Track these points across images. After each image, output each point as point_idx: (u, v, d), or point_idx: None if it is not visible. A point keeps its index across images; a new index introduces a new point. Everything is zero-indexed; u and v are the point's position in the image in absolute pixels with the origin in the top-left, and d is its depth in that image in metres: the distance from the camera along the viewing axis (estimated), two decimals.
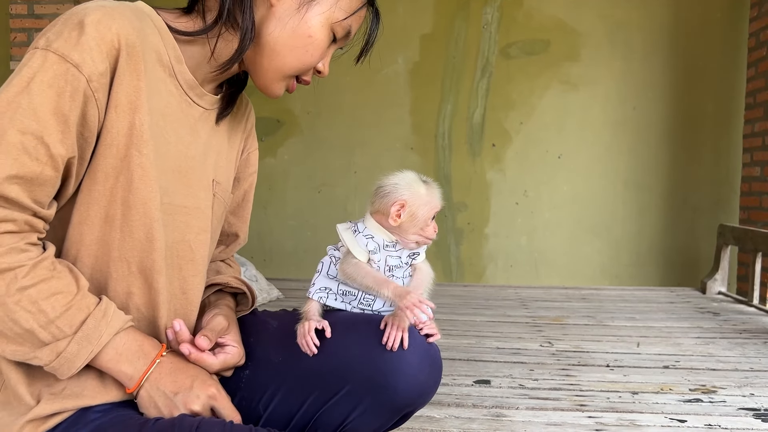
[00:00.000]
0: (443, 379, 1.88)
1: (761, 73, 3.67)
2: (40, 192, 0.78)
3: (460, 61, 4.33)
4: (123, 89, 0.83)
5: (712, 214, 4.22)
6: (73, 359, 0.80)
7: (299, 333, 1.01)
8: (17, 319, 0.77)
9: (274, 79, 0.97)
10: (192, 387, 0.87)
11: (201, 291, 1.02)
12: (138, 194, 0.85)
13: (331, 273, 1.05)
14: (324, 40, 0.95)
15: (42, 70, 0.77)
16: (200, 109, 0.97)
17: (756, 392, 1.82)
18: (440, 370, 1.03)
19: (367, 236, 1.02)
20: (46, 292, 0.78)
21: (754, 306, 3.13)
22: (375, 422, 1.01)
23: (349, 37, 0.99)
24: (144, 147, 0.85)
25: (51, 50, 0.77)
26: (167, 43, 0.90)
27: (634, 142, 4.27)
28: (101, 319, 0.82)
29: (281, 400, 1.03)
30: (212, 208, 1.01)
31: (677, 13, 4.19)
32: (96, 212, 0.85)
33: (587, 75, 4.26)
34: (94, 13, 0.80)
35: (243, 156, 1.14)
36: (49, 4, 3.70)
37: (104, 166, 0.84)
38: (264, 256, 4.44)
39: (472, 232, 4.38)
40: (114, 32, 0.80)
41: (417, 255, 1.05)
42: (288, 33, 0.93)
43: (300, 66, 0.96)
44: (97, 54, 0.79)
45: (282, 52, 0.94)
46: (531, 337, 2.44)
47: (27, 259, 0.77)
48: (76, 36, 0.78)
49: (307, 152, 4.43)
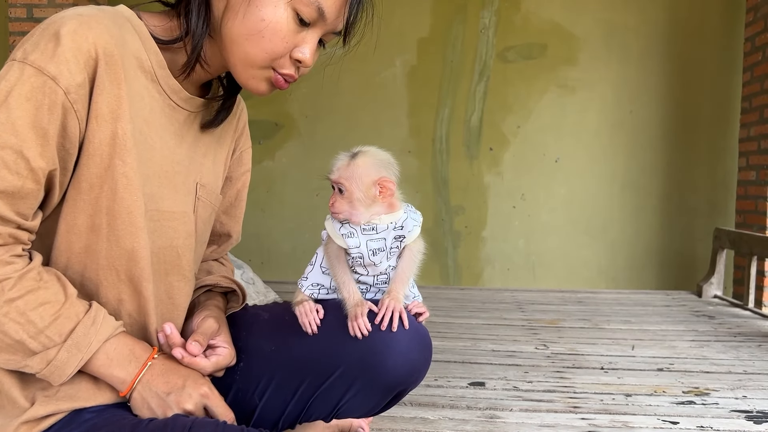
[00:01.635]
0: (438, 380, 1.89)
1: (757, 77, 3.69)
2: (22, 205, 0.78)
3: (458, 64, 4.35)
4: (103, 99, 0.82)
5: (709, 217, 4.24)
6: (64, 367, 0.81)
7: (300, 313, 1.02)
8: (6, 331, 0.78)
9: (246, 74, 0.92)
10: (184, 386, 0.88)
11: (188, 295, 1.03)
12: (122, 203, 0.85)
13: (324, 266, 1.05)
14: (281, 22, 0.87)
15: (19, 83, 0.77)
16: (185, 113, 0.96)
17: (749, 395, 1.83)
18: (430, 349, 1.05)
19: (344, 222, 1.02)
20: (33, 303, 0.79)
21: (749, 309, 3.15)
22: (368, 403, 1.04)
23: (325, 17, 0.89)
24: (127, 156, 0.84)
25: (28, 63, 0.77)
26: (149, 48, 0.89)
27: (630, 146, 4.28)
28: (90, 327, 0.83)
29: (276, 388, 1.05)
30: (196, 211, 1.01)
31: (673, 18, 4.21)
32: (82, 221, 0.85)
33: (584, 78, 4.28)
34: (70, 22, 0.79)
35: (235, 155, 1.14)
36: (48, 8, 3.71)
37: (88, 176, 0.84)
38: (261, 258, 4.45)
39: (470, 235, 4.39)
40: (91, 42, 0.80)
41: (403, 238, 1.02)
42: (240, 21, 0.88)
43: (264, 55, 0.89)
44: (74, 65, 0.78)
45: (238, 41, 0.89)
46: (526, 340, 2.45)
47: (13, 272, 0.78)
48: (52, 48, 0.78)
49: (305, 155, 4.44)
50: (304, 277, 1.07)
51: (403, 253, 1.02)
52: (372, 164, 0.99)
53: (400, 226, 1.00)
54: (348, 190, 0.98)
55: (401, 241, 1.01)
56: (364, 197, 0.97)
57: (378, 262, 1.01)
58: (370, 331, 0.97)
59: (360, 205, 0.98)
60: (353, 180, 0.98)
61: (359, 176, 0.98)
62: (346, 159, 1.00)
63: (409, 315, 1.03)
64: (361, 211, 0.98)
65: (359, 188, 0.97)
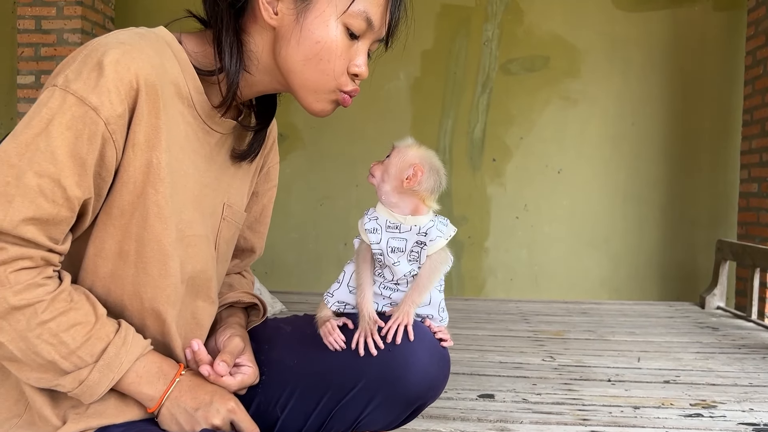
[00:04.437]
0: (448, 393, 1.91)
1: (758, 90, 3.73)
2: (55, 230, 0.79)
3: (461, 76, 4.38)
4: (141, 128, 0.82)
5: (711, 229, 4.26)
6: (95, 386, 0.83)
7: (324, 333, 1.05)
8: (39, 352, 0.79)
9: (310, 98, 0.95)
10: (212, 402, 0.90)
11: (212, 316, 1.04)
12: (152, 231, 0.86)
13: (351, 284, 1.08)
14: (336, 40, 0.89)
15: (60, 112, 0.77)
16: (217, 135, 0.97)
17: (755, 407, 1.85)
18: (448, 366, 1.07)
19: (372, 218, 1.05)
20: (65, 324, 0.80)
21: (752, 321, 3.17)
22: (388, 416, 1.05)
23: (373, 26, 0.91)
24: (160, 185, 0.85)
25: (70, 91, 0.77)
26: (187, 74, 0.90)
27: (632, 157, 4.31)
28: (121, 347, 0.84)
29: (297, 400, 1.06)
30: (220, 232, 1.02)
31: (675, 31, 4.25)
32: (111, 246, 0.86)
33: (586, 91, 4.31)
34: (113, 52, 0.79)
35: (263, 171, 1.15)
36: (56, 20, 3.75)
37: (120, 203, 0.84)
38: (266, 268, 4.46)
39: (473, 245, 4.41)
40: (133, 72, 0.80)
41: (424, 245, 1.03)
42: (294, 48, 0.89)
43: (326, 77, 0.91)
44: (116, 96, 0.79)
45: (296, 68, 0.91)
46: (533, 351, 2.47)
47: (45, 294, 0.79)
48: (95, 78, 0.78)
49: (310, 166, 4.47)
50: (329, 293, 1.09)
51: (424, 263, 1.04)
52: (424, 156, 1.04)
53: (424, 233, 1.02)
54: (391, 159, 1.04)
55: (422, 247, 1.03)
56: (396, 172, 1.02)
57: (395, 262, 1.02)
58: (380, 348, 1.00)
59: (389, 180, 1.03)
60: (401, 155, 1.04)
61: (406, 154, 1.03)
62: (413, 142, 1.06)
63: (428, 330, 1.05)
64: (387, 188, 1.03)
65: (398, 163, 1.03)
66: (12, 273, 0.76)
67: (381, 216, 1.04)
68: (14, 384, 0.89)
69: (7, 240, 0.76)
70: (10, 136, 0.78)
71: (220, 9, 0.90)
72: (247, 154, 1.03)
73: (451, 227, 1.06)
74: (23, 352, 0.79)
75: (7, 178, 0.75)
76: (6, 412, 0.88)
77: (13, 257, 0.76)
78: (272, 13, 0.90)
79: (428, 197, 1.03)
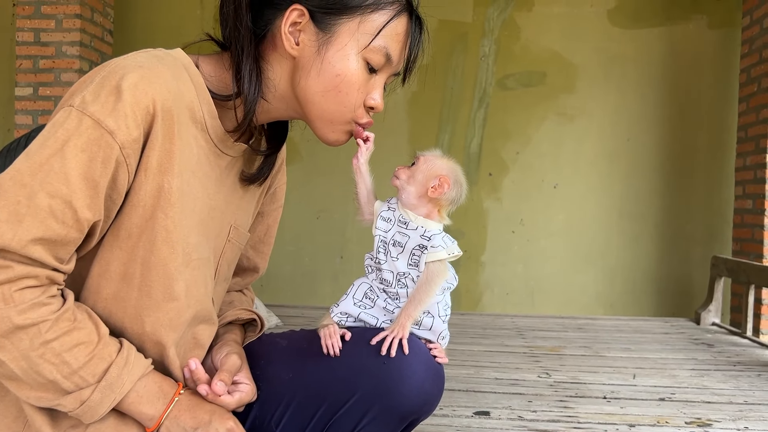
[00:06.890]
0: (444, 410, 1.91)
1: (752, 107, 3.76)
2: (62, 251, 0.79)
3: (458, 91, 4.41)
4: (155, 153, 0.83)
5: (705, 245, 4.28)
6: (97, 407, 0.83)
7: (323, 335, 1.06)
8: (41, 371, 0.79)
9: (326, 129, 0.96)
10: (211, 421, 0.90)
11: (211, 336, 1.04)
12: (159, 255, 0.85)
13: (357, 297, 1.09)
14: (356, 74, 0.91)
15: (77, 133, 0.77)
16: (228, 158, 0.97)
17: (750, 425, 1.85)
18: (443, 380, 1.07)
19: (392, 207, 1.08)
20: (68, 344, 0.80)
21: (747, 338, 3.17)
22: (383, 430, 1.05)
23: (392, 61, 0.93)
24: (170, 209, 0.85)
25: (87, 114, 0.77)
26: (202, 98, 0.90)
27: (628, 173, 4.34)
28: (123, 368, 0.84)
29: (293, 414, 1.06)
30: (223, 254, 1.02)
31: (671, 48, 4.29)
32: (115, 268, 0.86)
33: (582, 107, 4.35)
34: (132, 75, 0.80)
35: (269, 192, 1.15)
36: (55, 33, 3.76)
37: (128, 225, 0.84)
38: (261, 281, 4.45)
39: (469, 259, 4.41)
40: (150, 97, 0.80)
41: (425, 249, 1.04)
42: (314, 79, 0.91)
43: (344, 109, 0.93)
44: (132, 121, 0.79)
45: (314, 99, 0.92)
46: (528, 368, 2.47)
47: (49, 313, 0.79)
48: (113, 101, 0.78)
49: (306, 179, 4.48)
50: (336, 305, 1.10)
51: (422, 274, 1.06)
52: (449, 168, 1.07)
53: (428, 237, 1.04)
54: (418, 166, 1.06)
55: (423, 251, 1.04)
56: (423, 179, 1.05)
57: (394, 258, 1.04)
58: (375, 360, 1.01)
59: (415, 185, 1.05)
60: (428, 162, 1.06)
61: (433, 163, 1.06)
62: (441, 153, 1.10)
63: (423, 345, 1.06)
64: (410, 190, 1.06)
65: (425, 171, 1.05)
66: (17, 291, 0.76)
67: (397, 210, 1.07)
68: (13, 401, 0.88)
69: (13, 258, 0.76)
70: (24, 154, 0.78)
71: (240, 35, 0.90)
72: (257, 177, 1.03)
73: (457, 248, 1.08)
74: (24, 371, 0.78)
75: (18, 197, 0.75)
76: (5, 429, 0.88)
77: (18, 276, 0.76)
78: (294, 43, 0.91)
79: (445, 207, 1.08)
